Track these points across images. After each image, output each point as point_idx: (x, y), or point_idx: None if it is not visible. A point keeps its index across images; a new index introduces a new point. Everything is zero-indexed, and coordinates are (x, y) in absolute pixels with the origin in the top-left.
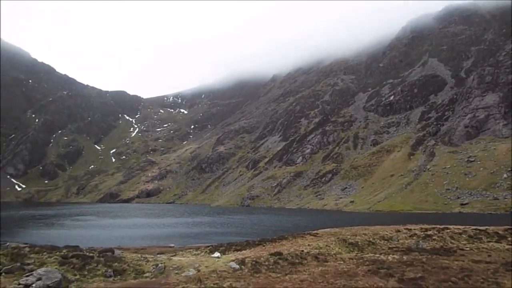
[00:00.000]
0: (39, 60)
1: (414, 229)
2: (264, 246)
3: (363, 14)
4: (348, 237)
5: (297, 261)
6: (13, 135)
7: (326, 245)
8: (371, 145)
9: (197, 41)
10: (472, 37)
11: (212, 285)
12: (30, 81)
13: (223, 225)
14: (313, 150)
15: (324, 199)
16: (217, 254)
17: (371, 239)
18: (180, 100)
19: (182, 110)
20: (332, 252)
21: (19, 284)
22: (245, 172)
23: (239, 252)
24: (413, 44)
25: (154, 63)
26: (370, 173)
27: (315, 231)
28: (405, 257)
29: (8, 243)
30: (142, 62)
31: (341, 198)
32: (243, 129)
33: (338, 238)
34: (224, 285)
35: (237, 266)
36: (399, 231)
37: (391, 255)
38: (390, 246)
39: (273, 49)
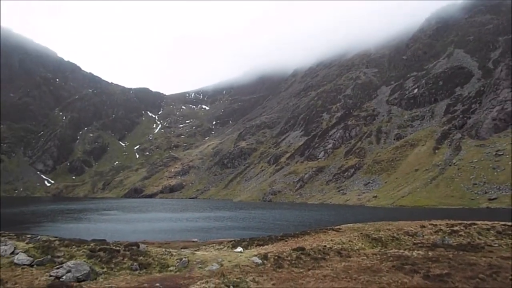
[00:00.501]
0: (65, 59)
1: (440, 225)
2: (286, 241)
3: (386, 5)
4: (372, 232)
5: (319, 256)
6: (42, 132)
7: (349, 241)
8: (394, 139)
9: (218, 37)
10: (499, 26)
11: (235, 279)
12: (57, 79)
13: (245, 220)
14: (335, 145)
15: (346, 194)
16: (239, 249)
17: (395, 235)
18: (202, 96)
19: (204, 106)
20: (355, 248)
21: (50, 275)
22: (266, 167)
23: (261, 247)
24: (437, 35)
25: (176, 60)
26: (393, 167)
27: (337, 226)
28: (430, 253)
29: (39, 236)
30: (164, 59)
31: (364, 193)
32: (265, 124)
33: (361, 233)
34: (247, 280)
35: (260, 261)
36: (424, 226)
37: (415, 251)
38: (414, 242)
39: (294, 44)
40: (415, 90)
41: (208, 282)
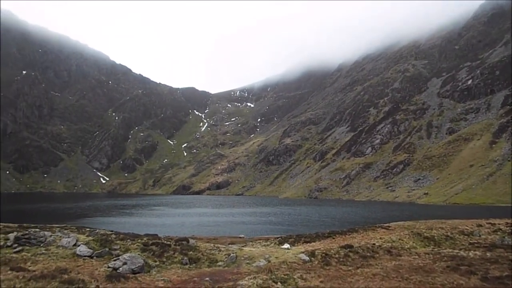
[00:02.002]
0: (117, 62)
1: (499, 224)
2: (333, 238)
3: None
4: (423, 231)
5: (368, 254)
6: (97, 132)
7: (399, 239)
8: (446, 133)
9: (261, 35)
10: None
11: (282, 275)
12: (110, 82)
13: (291, 216)
14: (383, 140)
15: (395, 191)
16: (286, 245)
17: (449, 234)
18: (246, 94)
19: (249, 104)
20: (406, 246)
21: (108, 267)
22: (312, 164)
23: (308, 244)
24: (493, 22)
25: (221, 59)
26: (446, 163)
27: (386, 224)
28: (488, 254)
29: (97, 230)
30: (210, 59)
31: (413, 190)
32: (310, 121)
33: (412, 231)
34: (295, 276)
35: (307, 258)
36: (480, 225)
37: (472, 251)
38: (470, 241)
39: (339, 38)
40: (469, 81)
41: (256, 278)
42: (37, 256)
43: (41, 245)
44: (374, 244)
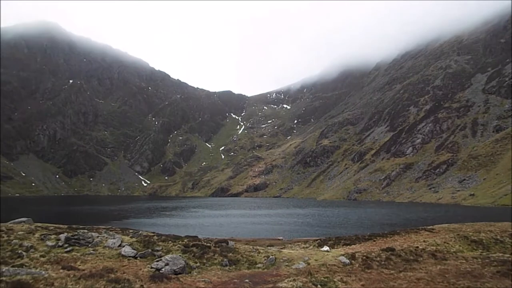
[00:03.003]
0: (156, 68)
1: None
2: (374, 241)
3: None
4: (470, 234)
5: (411, 258)
6: (138, 137)
7: (444, 242)
8: (493, 131)
9: (297, 36)
10: None
11: (322, 278)
12: (150, 88)
13: (329, 218)
14: (425, 140)
15: (438, 192)
16: (326, 248)
17: (498, 237)
18: (283, 96)
19: (285, 106)
20: (452, 250)
21: (151, 267)
22: (350, 165)
23: (348, 246)
24: None
25: (257, 61)
26: (493, 163)
27: (430, 227)
28: None
29: (140, 231)
30: (246, 62)
31: (458, 191)
32: (347, 121)
33: (458, 234)
34: (335, 279)
35: (347, 261)
36: None
37: None
38: None
39: (376, 36)
40: None
41: (296, 280)
42: (86, 256)
43: (89, 245)
44: (417, 247)
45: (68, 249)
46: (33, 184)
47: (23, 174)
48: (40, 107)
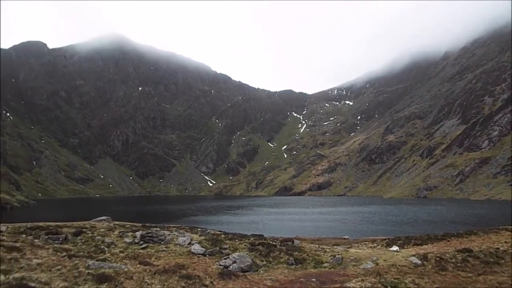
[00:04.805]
0: (218, 71)
1: None
2: (448, 241)
3: None
4: None
5: (491, 260)
6: (203, 139)
7: None
8: None
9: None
10: None
11: (392, 279)
12: (212, 91)
13: (396, 217)
14: (503, 132)
15: None
16: (395, 247)
17: None
18: (344, 92)
19: (347, 102)
20: None
21: (220, 265)
22: (419, 161)
23: (419, 246)
24: None
25: (317, 58)
26: None
27: None
28: None
29: (208, 230)
30: (306, 59)
31: None
32: (414, 115)
33: None
34: (406, 281)
35: (419, 262)
36: None
37: None
38: None
39: (442, 24)
40: None
41: (364, 281)
42: (159, 253)
43: (162, 243)
44: (498, 248)
45: (143, 245)
46: (111, 186)
47: (102, 177)
48: (114, 114)
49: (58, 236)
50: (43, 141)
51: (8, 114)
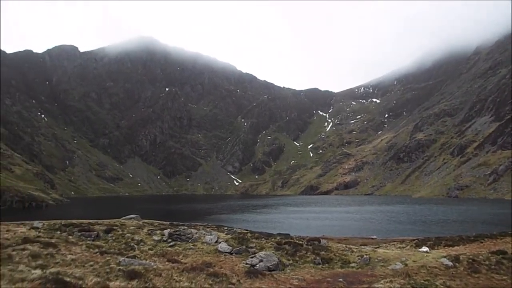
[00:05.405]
0: (243, 71)
1: None
2: (482, 242)
3: None
4: None
5: None
6: (228, 139)
7: None
8: None
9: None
10: None
11: (422, 281)
12: (238, 90)
13: (425, 217)
14: None
15: None
16: (425, 248)
17: None
18: (371, 90)
19: (374, 100)
20: None
21: (246, 263)
22: (449, 159)
23: (450, 247)
24: None
25: (343, 56)
26: None
27: None
28: None
29: (234, 229)
30: (332, 58)
31: None
32: (444, 112)
33: None
34: (437, 283)
35: (450, 263)
36: None
37: None
38: None
39: (473, 18)
40: None
41: (393, 282)
42: (187, 251)
43: (189, 241)
44: None
45: (171, 243)
46: (139, 185)
47: (131, 176)
48: (142, 114)
49: (90, 233)
50: (75, 142)
51: (43, 116)
